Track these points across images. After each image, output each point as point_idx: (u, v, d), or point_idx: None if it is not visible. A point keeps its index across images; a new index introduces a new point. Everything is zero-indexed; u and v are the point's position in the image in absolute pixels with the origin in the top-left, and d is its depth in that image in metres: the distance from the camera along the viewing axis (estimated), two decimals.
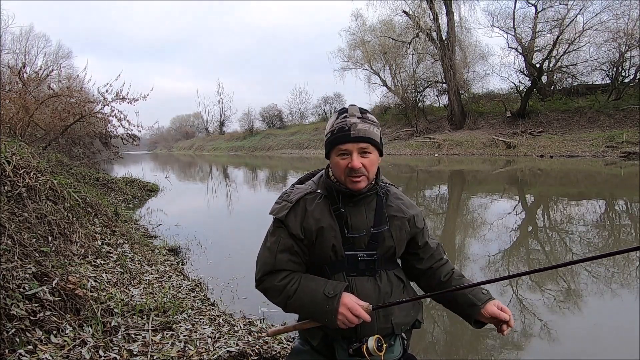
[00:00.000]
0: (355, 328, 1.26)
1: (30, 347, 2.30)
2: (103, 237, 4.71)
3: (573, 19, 24.75)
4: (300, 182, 1.47)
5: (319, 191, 1.33)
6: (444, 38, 29.48)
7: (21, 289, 2.55)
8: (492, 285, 3.80)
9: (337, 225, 1.29)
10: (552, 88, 28.18)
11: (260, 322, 3.30)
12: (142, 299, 3.33)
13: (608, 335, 3.33)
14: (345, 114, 1.29)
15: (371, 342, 1.25)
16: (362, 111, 1.32)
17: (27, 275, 2.71)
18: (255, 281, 1.35)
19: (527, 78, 27.31)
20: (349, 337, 1.30)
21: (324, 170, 1.41)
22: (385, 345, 1.26)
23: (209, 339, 2.82)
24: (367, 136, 1.26)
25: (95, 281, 3.37)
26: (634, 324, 3.35)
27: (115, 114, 9.94)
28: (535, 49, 26.91)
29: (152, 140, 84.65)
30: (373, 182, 1.33)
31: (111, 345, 2.57)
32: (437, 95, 35.61)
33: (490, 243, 6.05)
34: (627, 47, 23.63)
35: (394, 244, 1.35)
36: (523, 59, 27.17)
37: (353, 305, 1.22)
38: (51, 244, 3.54)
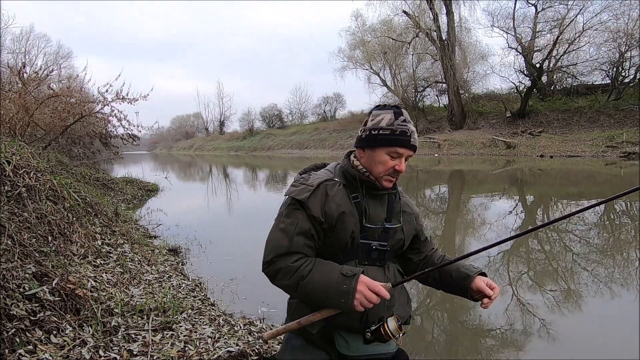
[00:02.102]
0: (363, 314, 1.26)
1: (30, 347, 2.30)
2: (103, 237, 4.71)
3: (573, 19, 24.77)
4: (305, 171, 1.46)
5: (336, 179, 1.35)
6: (444, 38, 29.47)
7: (21, 289, 2.55)
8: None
9: (357, 213, 1.31)
10: (552, 88, 28.17)
11: (260, 322, 3.30)
12: (142, 299, 3.33)
13: (608, 335, 3.33)
14: (404, 118, 1.32)
15: (392, 322, 1.23)
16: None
17: (27, 275, 2.71)
18: (264, 263, 1.29)
19: (527, 78, 27.31)
20: (353, 325, 1.28)
21: (341, 161, 1.44)
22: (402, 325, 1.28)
23: (209, 339, 2.82)
24: (417, 147, 1.36)
25: (95, 281, 3.37)
26: (633, 324, 3.35)
27: (115, 114, 9.94)
28: (535, 49, 26.90)
29: (152, 140, 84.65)
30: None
31: (111, 345, 2.57)
32: (437, 95, 35.62)
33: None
34: (627, 47, 23.63)
35: (404, 237, 1.42)
36: (523, 59, 27.17)
37: (371, 282, 1.21)
38: (51, 244, 3.54)
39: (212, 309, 3.55)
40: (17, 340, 2.28)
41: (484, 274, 1.44)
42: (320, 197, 1.29)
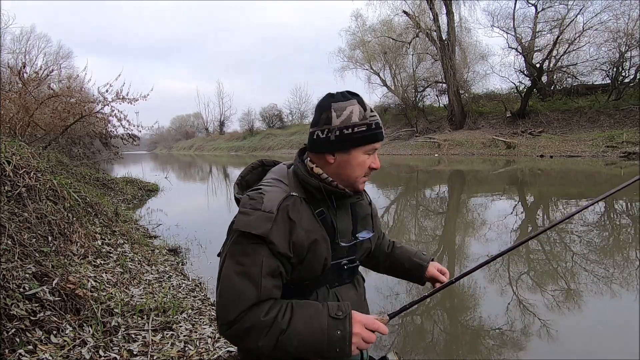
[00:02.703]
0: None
1: (30, 347, 2.30)
2: (103, 237, 4.71)
3: (573, 19, 24.76)
4: (244, 179, 1.20)
5: (294, 194, 1.06)
6: (444, 38, 29.47)
7: (21, 289, 2.55)
8: (493, 286, 3.77)
9: (327, 235, 1.08)
10: (552, 88, 28.16)
11: None
12: (142, 299, 3.33)
13: (608, 335, 3.33)
14: (370, 107, 1.12)
15: (392, 356, 1.09)
16: None
17: (27, 275, 2.71)
18: (224, 324, 0.98)
19: (527, 78, 27.31)
20: None
21: (294, 165, 1.14)
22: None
23: (209, 339, 2.82)
24: None
25: (95, 281, 3.37)
26: (633, 324, 3.35)
27: (115, 114, 9.94)
28: (535, 49, 26.89)
29: (152, 140, 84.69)
30: None
31: (111, 345, 2.57)
32: (437, 95, 35.60)
33: (490, 243, 6.05)
34: (627, 47, 23.62)
35: (371, 245, 1.27)
36: (523, 59, 27.16)
37: (366, 319, 1.02)
38: (51, 244, 3.54)
39: (212, 309, 3.55)
40: (17, 340, 2.28)
41: (432, 260, 1.43)
42: (283, 225, 1.01)
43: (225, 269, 1.01)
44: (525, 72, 27.32)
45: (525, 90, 27.01)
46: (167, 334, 2.84)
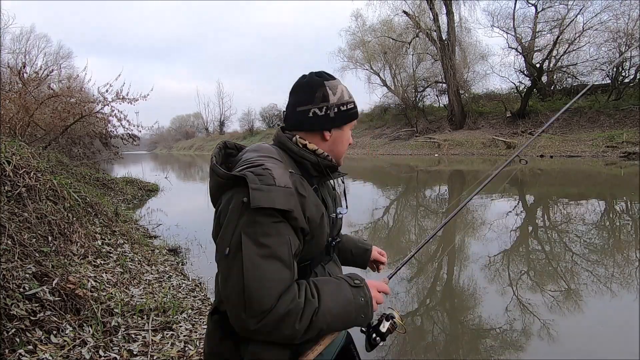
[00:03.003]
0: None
1: (30, 347, 2.30)
2: (103, 237, 4.71)
3: (573, 19, 24.76)
4: (222, 154, 1.15)
5: (291, 171, 1.04)
6: (444, 38, 29.48)
7: (21, 289, 2.55)
8: (493, 286, 3.78)
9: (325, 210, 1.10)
10: (552, 88, 28.17)
11: None
12: (142, 299, 3.33)
13: (608, 335, 3.33)
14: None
15: (395, 313, 1.18)
16: None
17: (27, 275, 2.71)
18: (256, 316, 0.89)
19: (527, 78, 27.31)
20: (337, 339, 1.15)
21: (281, 143, 1.12)
22: None
23: None
24: None
25: (95, 281, 3.37)
26: (633, 324, 3.35)
27: (115, 114, 9.95)
28: (535, 49, 26.90)
29: (152, 140, 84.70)
30: None
31: (111, 345, 2.57)
32: (437, 95, 35.63)
33: (490, 243, 6.05)
34: (627, 47, 23.62)
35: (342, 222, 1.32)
36: (523, 59, 27.17)
37: (377, 283, 1.11)
38: (51, 244, 3.54)
39: None
40: (17, 340, 2.28)
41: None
42: (300, 200, 0.98)
43: (246, 256, 0.89)
44: (525, 72, 27.33)
45: (525, 90, 27.01)
46: (167, 334, 2.84)
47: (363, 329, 1.16)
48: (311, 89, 1.10)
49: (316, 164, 1.10)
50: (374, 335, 1.16)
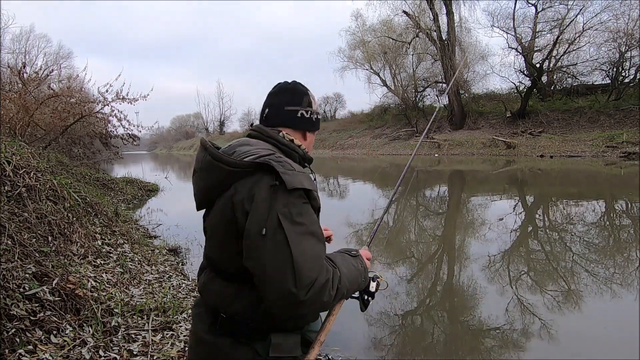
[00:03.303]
0: None
1: (30, 347, 2.30)
2: (103, 237, 4.71)
3: (573, 19, 24.74)
4: (233, 148, 1.18)
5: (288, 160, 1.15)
6: (444, 38, 29.47)
7: (21, 289, 2.55)
8: (493, 286, 3.78)
9: None
10: (552, 88, 28.15)
11: None
12: (142, 299, 3.33)
13: (608, 335, 3.33)
14: None
15: (378, 274, 1.33)
16: None
17: (27, 275, 2.71)
18: (305, 287, 0.94)
19: (527, 78, 27.29)
20: None
21: (271, 138, 1.18)
22: None
23: None
24: None
25: (95, 281, 3.37)
26: (633, 324, 3.35)
27: (115, 114, 9.94)
28: (535, 49, 26.88)
29: (152, 140, 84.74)
30: None
31: (111, 345, 2.57)
32: (437, 95, 35.59)
33: (490, 243, 6.05)
34: (627, 47, 23.62)
35: None
36: (523, 59, 27.15)
37: (364, 251, 1.30)
38: (51, 244, 3.54)
39: None
40: (17, 340, 2.28)
41: None
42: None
43: (289, 234, 0.95)
44: (525, 72, 27.31)
45: (525, 90, 27.00)
46: (167, 334, 2.84)
47: (354, 295, 1.24)
48: (299, 94, 1.25)
49: (302, 157, 1.21)
50: (365, 296, 1.28)
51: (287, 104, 1.23)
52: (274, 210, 0.97)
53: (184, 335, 2.83)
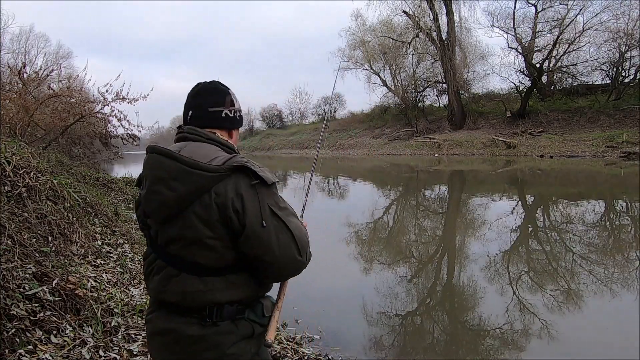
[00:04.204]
0: None
1: (30, 347, 2.30)
2: (103, 237, 4.72)
3: (573, 19, 24.75)
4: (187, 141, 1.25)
5: None
6: (444, 38, 29.46)
7: (21, 289, 2.55)
8: (493, 286, 3.78)
9: None
10: (552, 88, 28.16)
11: None
12: (142, 299, 3.33)
13: (608, 335, 3.33)
14: None
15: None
16: None
17: (27, 275, 2.71)
18: (305, 253, 1.19)
19: (527, 78, 27.29)
20: None
21: (217, 139, 1.24)
22: None
23: None
24: None
25: (95, 281, 3.37)
26: (633, 324, 3.35)
27: (115, 114, 9.93)
28: (535, 49, 26.88)
29: (152, 140, 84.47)
30: None
31: (111, 345, 2.57)
32: (437, 95, 35.60)
33: (490, 243, 6.05)
34: (627, 47, 23.62)
35: None
36: (523, 59, 27.15)
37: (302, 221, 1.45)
38: (51, 244, 3.54)
39: None
40: (17, 340, 2.28)
41: None
42: None
43: (283, 218, 1.14)
44: (525, 72, 27.31)
45: (525, 90, 27.00)
46: None
47: None
48: (221, 94, 1.28)
49: (237, 154, 1.26)
50: None
51: (211, 105, 1.25)
52: (264, 203, 1.12)
53: None
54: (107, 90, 9.46)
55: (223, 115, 1.26)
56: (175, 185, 1.08)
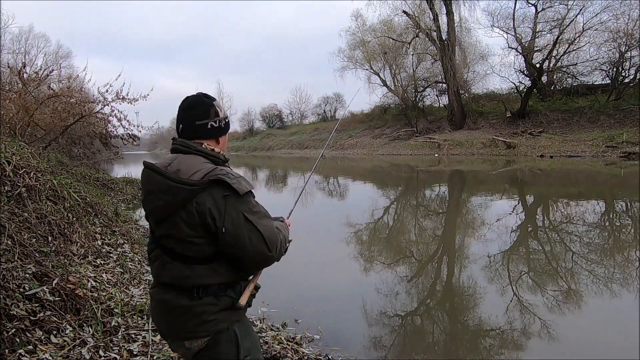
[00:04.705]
0: None
1: (30, 347, 2.30)
2: (103, 237, 4.71)
3: (573, 19, 24.71)
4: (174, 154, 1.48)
5: None
6: (444, 38, 29.45)
7: (21, 289, 2.55)
8: (493, 286, 3.79)
9: None
10: (552, 88, 28.13)
11: (260, 322, 3.30)
12: (142, 299, 3.33)
13: (608, 335, 3.33)
14: None
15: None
16: None
17: (27, 275, 2.71)
18: (274, 248, 1.40)
19: (527, 78, 27.27)
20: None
21: (203, 150, 1.44)
22: None
23: None
24: None
25: (95, 281, 3.37)
26: (633, 324, 3.35)
27: (115, 114, 9.93)
28: (535, 49, 26.85)
29: (152, 140, 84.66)
30: None
31: (111, 345, 2.58)
32: (437, 95, 35.57)
33: (490, 243, 6.05)
34: (627, 47, 23.61)
35: None
36: (523, 59, 27.13)
37: (286, 221, 1.70)
38: (51, 244, 3.54)
39: None
40: (17, 340, 2.28)
41: None
42: None
43: (254, 221, 1.35)
44: (525, 72, 27.29)
45: (525, 90, 26.98)
46: None
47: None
48: (206, 107, 1.45)
49: (223, 160, 1.48)
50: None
51: (197, 118, 1.44)
52: (238, 210, 1.33)
53: None
54: (107, 90, 9.48)
55: (209, 126, 1.45)
56: (163, 196, 1.33)
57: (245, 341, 1.45)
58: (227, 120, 1.54)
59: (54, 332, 2.48)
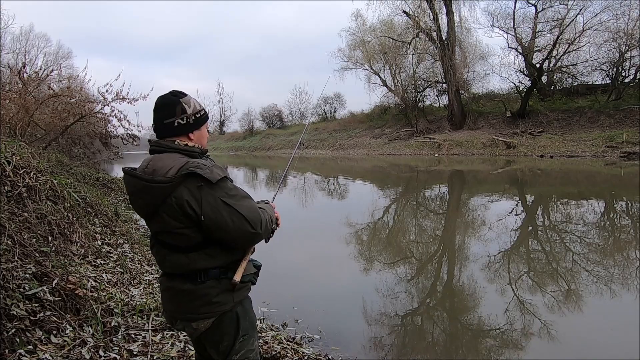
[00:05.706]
0: None
1: (30, 347, 2.30)
2: (103, 237, 4.71)
3: (573, 19, 24.70)
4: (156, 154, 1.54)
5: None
6: (444, 38, 29.45)
7: (21, 289, 2.55)
8: (493, 286, 3.79)
9: None
10: (552, 88, 28.12)
11: (260, 322, 3.30)
12: (142, 299, 3.33)
13: (608, 335, 3.33)
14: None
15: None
16: None
17: (27, 275, 2.71)
18: (258, 226, 1.47)
19: (527, 78, 27.25)
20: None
21: (176, 147, 1.50)
22: None
23: None
24: None
25: (95, 281, 3.37)
26: (633, 324, 3.35)
27: (115, 114, 9.91)
28: (535, 49, 26.84)
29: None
30: None
31: (111, 345, 2.58)
32: (437, 95, 35.55)
33: (490, 243, 6.05)
34: (627, 47, 23.60)
35: None
36: (523, 59, 27.11)
37: (272, 205, 1.75)
38: (51, 244, 3.54)
39: None
40: (17, 340, 2.28)
41: None
42: None
43: (233, 204, 1.43)
44: (525, 72, 27.27)
45: (525, 90, 26.97)
46: (167, 334, 2.83)
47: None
48: (172, 106, 1.50)
49: (200, 152, 1.55)
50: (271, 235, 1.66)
51: (164, 118, 1.50)
52: (215, 197, 1.41)
53: (184, 335, 2.83)
54: (107, 90, 9.44)
55: (175, 124, 1.50)
56: (142, 196, 1.45)
57: (244, 321, 1.56)
58: (198, 115, 1.56)
59: (54, 332, 2.48)
